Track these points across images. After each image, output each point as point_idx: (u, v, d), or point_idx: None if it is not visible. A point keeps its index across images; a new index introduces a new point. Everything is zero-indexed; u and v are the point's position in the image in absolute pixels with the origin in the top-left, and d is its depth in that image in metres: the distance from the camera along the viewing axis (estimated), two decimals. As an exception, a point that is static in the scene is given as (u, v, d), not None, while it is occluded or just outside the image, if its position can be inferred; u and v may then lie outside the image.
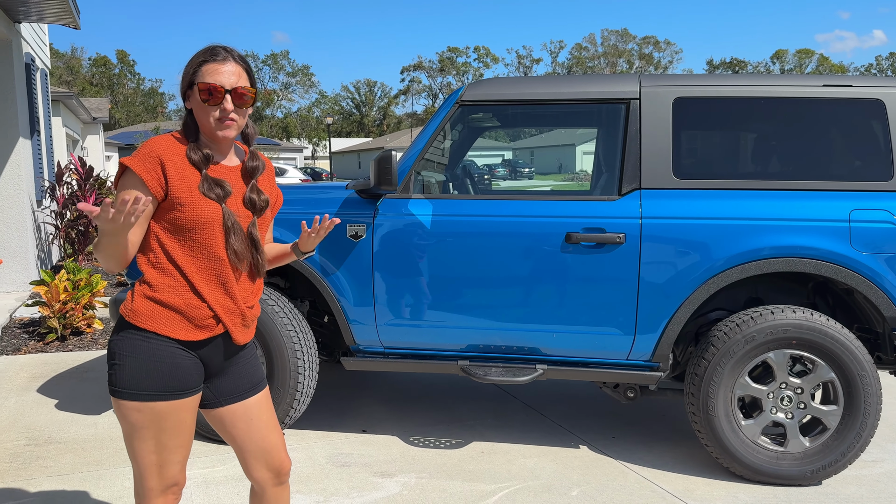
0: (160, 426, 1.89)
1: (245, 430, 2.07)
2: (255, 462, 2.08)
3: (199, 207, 1.90)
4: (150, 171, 1.86)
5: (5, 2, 7.04)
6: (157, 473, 1.92)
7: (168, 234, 1.91)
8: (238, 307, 2.00)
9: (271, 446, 2.09)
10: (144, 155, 1.87)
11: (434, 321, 3.61)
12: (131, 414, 1.88)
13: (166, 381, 1.89)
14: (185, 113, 1.99)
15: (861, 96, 3.41)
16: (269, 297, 3.70)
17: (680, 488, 3.38)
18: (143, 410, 1.88)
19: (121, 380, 1.88)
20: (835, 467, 3.37)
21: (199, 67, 1.93)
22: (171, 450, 1.93)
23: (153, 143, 1.90)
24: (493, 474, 3.49)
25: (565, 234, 3.46)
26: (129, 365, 1.87)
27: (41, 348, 5.72)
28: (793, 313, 3.33)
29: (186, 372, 1.92)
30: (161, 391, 1.88)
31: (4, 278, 7.70)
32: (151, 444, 1.90)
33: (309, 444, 3.83)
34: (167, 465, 1.93)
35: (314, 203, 3.75)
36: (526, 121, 4.50)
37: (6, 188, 7.65)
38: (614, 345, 3.52)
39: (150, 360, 1.88)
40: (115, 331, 1.94)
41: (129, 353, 1.88)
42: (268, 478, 2.10)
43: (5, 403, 4.42)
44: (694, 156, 3.56)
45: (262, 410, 2.09)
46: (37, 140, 8.67)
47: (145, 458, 1.91)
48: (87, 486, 3.30)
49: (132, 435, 1.90)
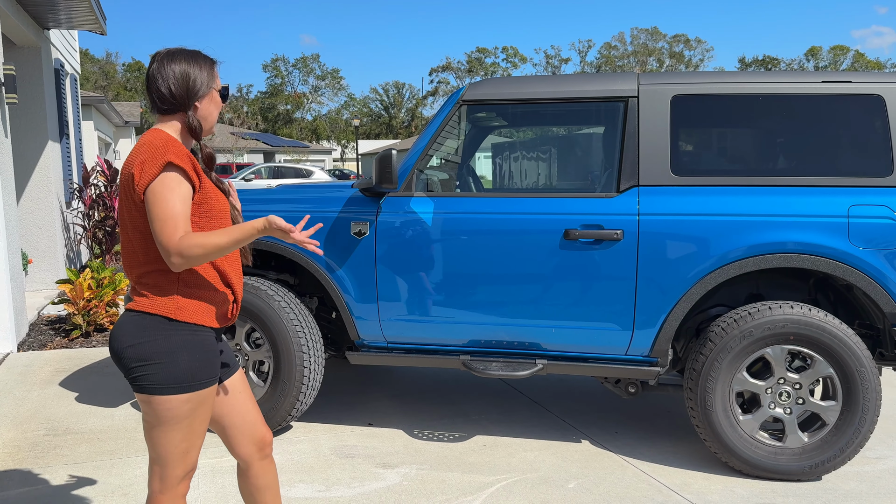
0: (197, 412, 2.01)
1: (231, 405, 2.20)
2: (240, 437, 2.21)
3: (218, 199, 2.06)
4: (190, 166, 1.96)
5: (34, 9, 7.28)
6: (182, 461, 2.03)
7: (197, 227, 2.01)
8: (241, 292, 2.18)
9: (254, 419, 2.23)
10: (177, 152, 1.94)
11: (435, 316, 3.68)
12: (179, 407, 1.96)
13: (213, 370, 2.02)
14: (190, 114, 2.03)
15: (860, 92, 3.41)
16: (276, 293, 3.80)
17: (677, 482, 3.40)
18: (192, 400, 1.98)
19: (172, 376, 1.93)
20: (834, 463, 3.37)
21: (212, 71, 2.09)
22: (199, 434, 2.05)
23: (173, 142, 1.96)
24: (493, 466, 3.56)
25: (564, 231, 3.51)
26: (184, 359, 1.94)
27: (66, 344, 5.92)
28: (790, 309, 3.34)
29: (215, 358, 2.05)
30: (211, 377, 2.02)
31: (34, 277, 7.95)
32: (186, 432, 2.00)
33: (316, 436, 3.93)
34: (192, 451, 2.05)
35: (320, 201, 3.85)
36: (526, 120, 4.55)
37: (35, 190, 7.90)
38: (612, 340, 3.56)
39: (203, 352, 1.99)
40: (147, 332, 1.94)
41: (178, 348, 1.95)
42: (253, 451, 2.23)
43: (28, 396, 4.59)
44: (692, 153, 3.59)
45: (244, 385, 2.25)
46: (66, 143, 8.93)
47: (177, 446, 2.00)
48: (100, 473, 3.44)
49: (168, 427, 1.97)
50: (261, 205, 3.92)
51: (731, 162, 3.52)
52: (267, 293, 3.77)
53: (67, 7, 7.29)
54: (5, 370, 5.21)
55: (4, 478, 3.40)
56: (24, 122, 7.78)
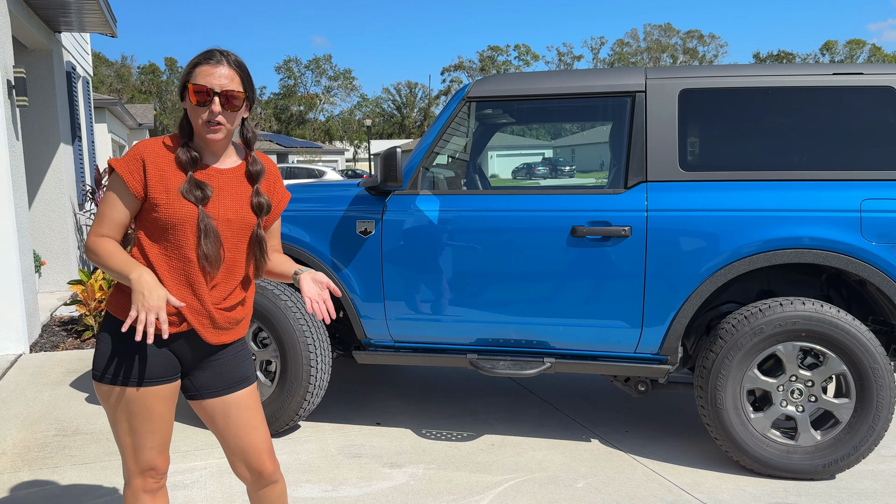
0: (129, 411, 1.98)
1: (223, 426, 2.09)
2: (234, 459, 2.12)
3: (174, 208, 1.93)
4: (131, 172, 1.94)
5: (45, 13, 7.33)
6: (132, 456, 2.02)
7: (147, 233, 1.98)
8: (205, 308, 2.00)
9: (249, 447, 2.09)
10: (130, 156, 1.96)
11: (442, 315, 3.66)
12: (103, 395, 2.01)
13: (130, 369, 1.97)
14: (183, 114, 2.05)
15: (871, 84, 3.35)
16: (282, 292, 3.79)
17: (688, 481, 3.36)
18: (112, 394, 1.98)
19: (98, 363, 2.00)
20: (847, 461, 3.32)
21: (193, 69, 1.96)
22: (142, 434, 2.00)
23: (140, 145, 1.98)
24: (501, 466, 3.53)
25: (571, 228, 3.47)
26: (102, 350, 1.99)
27: (78, 345, 5.95)
28: (802, 305, 3.29)
29: (153, 363, 1.98)
30: (125, 377, 1.97)
31: (47, 279, 8.01)
32: (125, 426, 2.00)
33: (324, 435, 3.92)
34: (141, 450, 2.01)
35: (326, 200, 3.84)
36: (533, 116, 4.52)
37: (48, 192, 7.96)
38: (621, 338, 3.52)
39: (121, 348, 1.97)
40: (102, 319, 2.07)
41: (104, 339, 2.00)
42: (247, 477, 2.13)
43: (39, 397, 4.62)
44: (700, 148, 3.54)
45: (240, 409, 2.09)
46: (78, 145, 8.99)
47: (122, 439, 2.02)
48: (107, 473, 3.44)
49: (110, 416, 2.03)
50: (267, 204, 3.91)
51: (740, 156, 3.46)
52: (273, 293, 3.77)
53: (78, 10, 7.34)
54: (17, 371, 5.24)
55: (14, 478, 3.41)
56: (36, 125, 7.84)
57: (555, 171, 31.04)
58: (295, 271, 2.14)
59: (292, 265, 2.17)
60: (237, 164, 2.07)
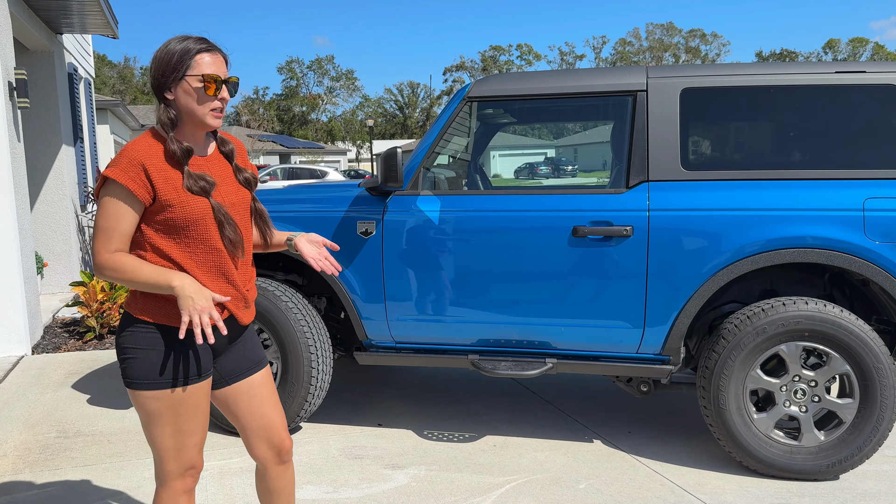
0: (177, 412, 1.98)
1: (248, 406, 2.16)
2: (256, 440, 2.17)
3: (189, 206, 1.94)
4: (134, 180, 1.88)
5: (46, 14, 7.33)
6: (175, 457, 2.01)
7: (161, 234, 1.95)
8: (240, 293, 2.07)
9: (272, 423, 2.17)
10: (126, 163, 1.89)
11: (443, 316, 3.65)
12: (149, 403, 1.96)
13: (180, 369, 1.98)
14: (163, 106, 1.96)
15: (874, 82, 3.33)
16: (283, 293, 3.78)
17: (691, 482, 3.35)
18: (161, 398, 1.96)
19: (137, 371, 1.95)
20: (851, 462, 3.30)
21: (193, 58, 1.92)
22: (187, 433, 2.01)
23: (132, 149, 1.91)
24: (503, 467, 3.51)
25: (572, 228, 3.46)
26: (143, 356, 1.94)
27: (79, 346, 5.95)
28: (805, 305, 3.27)
29: (197, 358, 2.01)
30: (176, 378, 1.97)
31: (50, 280, 8.01)
32: (169, 429, 1.99)
33: (325, 437, 3.91)
34: (184, 449, 2.02)
35: (327, 201, 3.83)
36: (535, 115, 4.50)
37: (50, 194, 7.96)
38: (623, 338, 3.50)
39: (161, 351, 1.95)
40: (121, 327, 1.99)
41: (141, 345, 1.95)
42: (270, 456, 2.19)
43: (41, 399, 4.62)
44: (702, 147, 3.52)
45: (263, 387, 2.18)
46: (80, 147, 8.99)
47: (164, 442, 2.00)
48: (109, 476, 3.44)
49: (150, 422, 1.98)
50: (268, 205, 3.90)
51: (742, 155, 3.45)
52: (275, 294, 3.76)
53: (79, 11, 7.33)
54: (19, 373, 5.24)
55: (15, 480, 3.41)
56: (38, 127, 7.84)
57: (556, 171, 31.00)
58: (287, 238, 2.25)
59: (282, 233, 2.28)
60: (213, 149, 2.10)
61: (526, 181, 29.27)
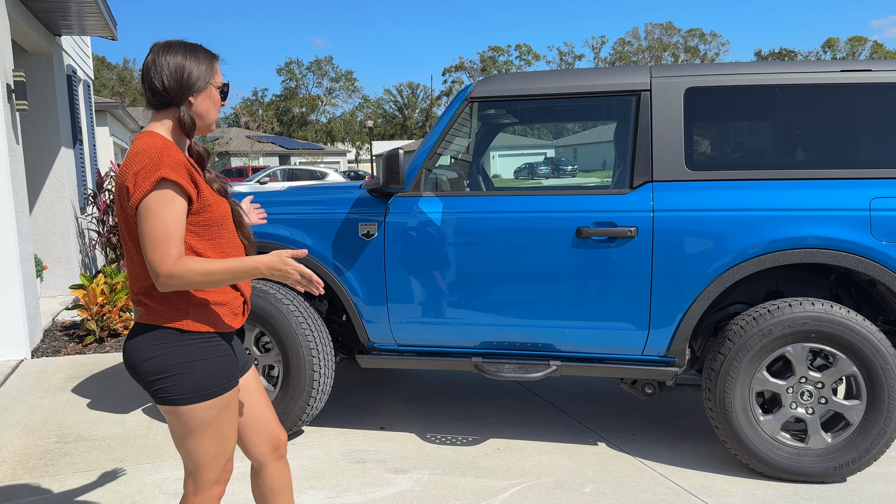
0: (222, 416, 1.98)
1: (245, 404, 2.17)
2: (254, 436, 2.18)
3: (219, 205, 1.98)
4: (186, 179, 1.86)
5: (45, 16, 7.30)
6: (215, 464, 2.01)
7: (196, 236, 1.93)
8: (245, 295, 2.11)
9: (268, 418, 2.21)
10: (173, 163, 1.85)
11: (446, 318, 3.62)
12: (203, 414, 1.93)
13: (231, 372, 1.99)
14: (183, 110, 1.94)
15: (880, 81, 3.30)
16: (285, 296, 3.75)
17: (697, 485, 3.31)
18: (215, 406, 1.95)
19: (192, 385, 1.90)
20: (859, 464, 3.27)
21: (211, 66, 1.99)
22: (228, 438, 2.02)
23: (171, 150, 1.86)
24: (507, 471, 3.48)
25: (576, 229, 3.43)
26: (201, 368, 1.92)
27: (79, 350, 5.92)
28: (811, 306, 3.24)
29: (233, 357, 2.03)
30: (230, 380, 1.98)
31: (49, 283, 7.98)
32: (214, 437, 1.98)
33: (327, 440, 3.88)
34: (224, 454, 2.02)
35: (328, 203, 3.80)
36: (537, 116, 4.48)
37: (49, 196, 7.93)
38: (628, 340, 3.47)
39: (218, 358, 1.96)
40: (156, 343, 1.90)
41: (196, 357, 1.92)
42: (267, 451, 2.20)
43: (41, 403, 4.58)
44: (707, 147, 3.49)
45: (257, 384, 2.22)
46: (79, 149, 8.96)
47: (208, 451, 1.98)
48: (110, 481, 3.40)
49: (195, 433, 1.94)
50: (269, 207, 3.87)
51: (747, 155, 3.42)
52: (276, 297, 3.73)
53: (78, 13, 7.30)
54: (19, 377, 5.21)
55: (14, 486, 3.37)
56: (37, 129, 7.81)
57: (558, 172, 30.98)
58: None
59: None
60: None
61: (527, 182, 29.25)
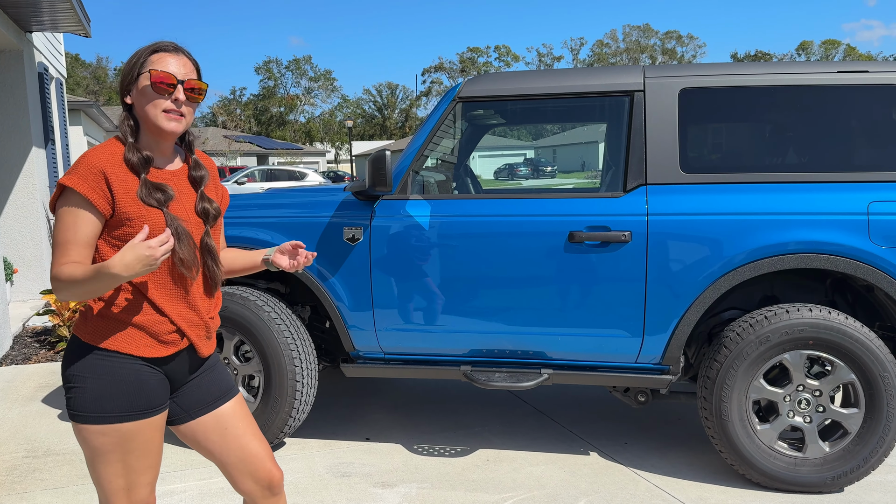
0: (126, 448, 1.79)
1: (220, 441, 1.96)
2: (239, 475, 1.97)
3: (149, 220, 1.76)
4: (95, 189, 1.71)
5: (15, 11, 7.06)
6: (125, 498, 1.82)
7: (117, 251, 1.76)
8: (202, 319, 1.89)
9: (252, 456, 1.96)
10: (85, 170, 1.72)
11: (435, 325, 3.49)
12: (95, 438, 1.77)
13: (132, 401, 1.78)
14: (125, 112, 1.82)
15: (877, 82, 3.23)
16: (265, 303, 3.61)
17: (693, 496, 3.22)
18: (109, 433, 1.77)
19: (82, 403, 1.76)
20: (857, 473, 3.20)
21: (149, 57, 1.80)
22: (139, 472, 1.83)
23: (93, 156, 1.74)
24: (498, 483, 3.37)
25: (568, 234, 3.32)
26: (91, 387, 1.76)
27: (51, 357, 5.71)
28: (809, 312, 3.16)
29: (152, 390, 1.82)
30: (126, 412, 1.78)
31: (20, 287, 7.73)
32: (118, 467, 1.80)
33: (310, 453, 3.74)
34: (136, 488, 1.83)
35: (311, 206, 3.66)
36: (527, 116, 4.37)
37: (20, 198, 7.68)
38: (622, 347, 3.37)
39: (113, 380, 1.77)
40: (68, 353, 1.81)
41: (88, 374, 1.77)
42: (256, 490, 1.98)
43: (8, 414, 4.39)
44: (702, 149, 3.41)
45: (236, 418, 1.98)
46: (51, 149, 8.72)
47: (112, 482, 1.81)
48: (81, 499, 3.24)
49: (97, 459, 1.79)
50: (249, 210, 3.72)
51: (743, 158, 3.33)
52: (256, 304, 3.58)
53: (50, 9, 7.07)
54: (-13, 386, 5.00)
55: (-21, 505, 3.20)
56: (6, 128, 7.57)
57: (548, 174, 30.96)
58: (264, 258, 2.06)
59: (255, 253, 2.08)
60: (180, 166, 1.92)
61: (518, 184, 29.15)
